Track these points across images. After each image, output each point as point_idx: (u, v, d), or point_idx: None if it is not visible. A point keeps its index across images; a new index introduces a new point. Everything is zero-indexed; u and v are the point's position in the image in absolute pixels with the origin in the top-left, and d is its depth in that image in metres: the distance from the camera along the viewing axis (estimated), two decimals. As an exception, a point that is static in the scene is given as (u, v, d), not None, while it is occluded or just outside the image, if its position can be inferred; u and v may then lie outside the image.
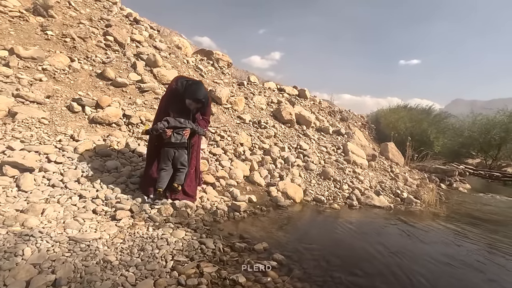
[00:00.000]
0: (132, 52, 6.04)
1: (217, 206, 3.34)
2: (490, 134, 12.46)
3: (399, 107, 13.64)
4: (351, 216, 4.02)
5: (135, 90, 5.19)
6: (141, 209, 2.86)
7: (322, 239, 3.02)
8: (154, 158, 3.21)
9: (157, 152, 3.18)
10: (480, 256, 3.10)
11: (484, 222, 4.44)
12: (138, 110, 4.75)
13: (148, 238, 2.37)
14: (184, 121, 3.10)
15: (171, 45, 7.59)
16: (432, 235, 3.68)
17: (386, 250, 2.92)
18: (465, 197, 6.57)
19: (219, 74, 7.82)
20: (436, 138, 11.82)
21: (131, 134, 4.30)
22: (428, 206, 5.07)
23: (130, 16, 7.29)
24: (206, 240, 2.50)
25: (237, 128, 5.63)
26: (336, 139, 7.10)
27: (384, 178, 6.04)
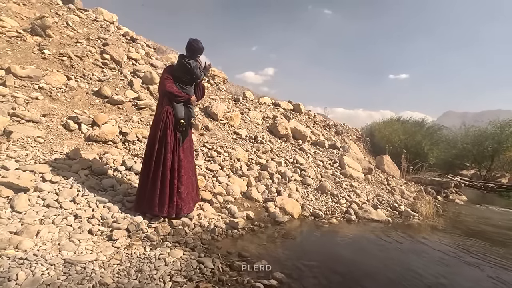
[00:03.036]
0: (129, 69, 6.11)
1: (215, 223, 3.31)
2: (483, 146, 12.63)
3: (392, 120, 13.85)
4: (350, 231, 4.00)
5: (132, 107, 5.22)
6: (137, 228, 2.81)
7: (321, 256, 2.99)
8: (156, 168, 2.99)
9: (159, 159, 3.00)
10: (482, 272, 3.09)
11: (483, 235, 4.43)
12: (134, 127, 4.75)
13: (145, 259, 2.32)
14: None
15: (167, 62, 7.70)
16: (432, 249, 3.66)
17: (386, 266, 2.90)
18: (461, 209, 6.59)
19: (215, 90, 7.91)
20: (430, 150, 11.96)
21: (128, 152, 4.28)
22: (426, 219, 5.06)
23: (127, 35, 7.43)
24: (205, 259, 2.46)
25: (234, 143, 5.65)
26: (332, 152, 7.14)
27: (381, 191, 6.06)
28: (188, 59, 3.13)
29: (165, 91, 3.06)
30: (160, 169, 3.00)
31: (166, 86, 3.06)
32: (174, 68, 3.20)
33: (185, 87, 3.20)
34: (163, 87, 3.10)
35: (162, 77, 3.17)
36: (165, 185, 3.01)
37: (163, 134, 3.03)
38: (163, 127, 3.03)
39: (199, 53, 3.19)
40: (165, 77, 3.13)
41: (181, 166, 3.11)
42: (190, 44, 3.14)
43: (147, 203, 3.00)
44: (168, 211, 3.04)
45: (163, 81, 3.13)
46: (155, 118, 3.17)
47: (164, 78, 3.13)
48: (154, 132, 3.08)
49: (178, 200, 3.08)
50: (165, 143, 3.02)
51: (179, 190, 3.09)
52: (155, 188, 2.99)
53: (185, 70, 3.12)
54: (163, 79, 3.13)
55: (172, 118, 3.06)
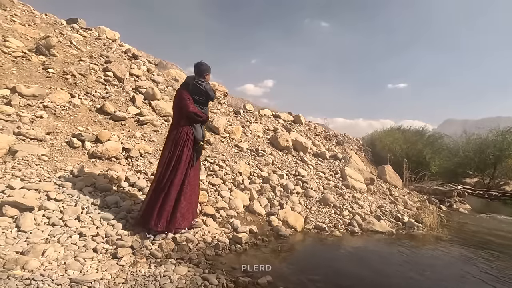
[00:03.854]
0: (131, 86, 6.22)
1: (218, 238, 3.30)
2: (484, 153, 12.63)
3: (393, 129, 13.90)
4: (354, 244, 3.98)
5: (134, 123, 5.29)
6: (142, 245, 2.82)
7: (325, 269, 2.97)
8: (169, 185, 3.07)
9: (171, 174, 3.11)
10: (489, 285, 3.06)
11: (489, 246, 4.40)
12: (137, 143, 4.81)
13: (150, 277, 2.33)
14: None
15: (168, 78, 7.85)
16: (438, 261, 3.64)
17: (390, 280, 2.88)
18: (466, 218, 6.55)
19: (215, 104, 8.01)
20: (432, 159, 11.95)
21: (131, 168, 4.32)
22: (430, 229, 5.03)
23: (128, 52, 7.60)
24: (209, 275, 2.46)
25: (235, 157, 5.69)
26: (334, 164, 7.16)
27: (384, 202, 6.04)
28: (200, 81, 3.30)
29: (189, 112, 3.18)
30: (173, 186, 3.09)
31: (190, 108, 3.18)
32: (190, 89, 3.28)
33: (202, 107, 3.34)
34: (186, 108, 3.17)
35: (183, 98, 3.22)
36: (169, 200, 3.07)
37: (181, 152, 3.14)
38: (182, 146, 3.15)
39: (206, 72, 3.39)
40: (187, 98, 3.21)
41: (189, 183, 3.21)
42: (196, 67, 3.35)
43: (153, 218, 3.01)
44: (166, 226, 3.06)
45: (185, 102, 3.19)
46: (173, 137, 3.22)
47: (186, 100, 3.20)
48: (172, 151, 3.16)
49: (179, 215, 3.13)
50: (179, 161, 3.13)
51: (182, 205, 3.15)
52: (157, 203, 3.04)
53: (200, 91, 3.27)
54: (185, 100, 3.19)
55: (192, 138, 3.22)
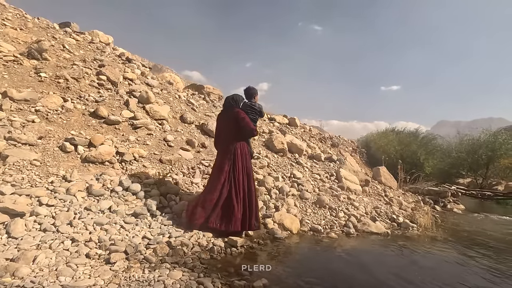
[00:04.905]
0: (125, 90, 6.19)
1: (214, 242, 3.28)
2: (477, 154, 12.81)
3: (387, 131, 14.03)
4: (349, 245, 3.98)
5: (128, 127, 5.25)
6: (136, 250, 2.78)
7: (321, 272, 2.96)
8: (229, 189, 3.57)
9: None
10: (483, 282, 3.08)
11: (483, 246, 4.43)
12: (131, 146, 4.77)
13: (144, 282, 2.29)
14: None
15: (162, 81, 7.82)
16: (433, 262, 3.65)
17: (386, 281, 2.88)
18: (460, 218, 6.61)
19: (210, 107, 8.00)
20: (426, 160, 12.07)
21: (125, 172, 4.28)
22: (425, 230, 5.06)
23: (122, 56, 7.57)
24: (204, 279, 2.43)
25: (231, 159, 5.67)
26: (329, 165, 7.19)
27: (379, 203, 6.06)
28: (252, 102, 3.97)
29: (251, 128, 3.67)
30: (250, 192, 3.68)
31: (251, 125, 3.70)
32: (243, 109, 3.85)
33: (254, 124, 3.89)
34: (249, 126, 3.65)
35: (242, 117, 3.66)
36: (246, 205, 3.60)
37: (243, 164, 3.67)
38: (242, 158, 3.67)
39: (255, 94, 4.05)
40: (245, 116, 3.70)
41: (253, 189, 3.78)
42: (247, 90, 4.03)
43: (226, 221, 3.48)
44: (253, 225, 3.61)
45: (247, 120, 3.67)
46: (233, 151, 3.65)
47: (245, 119, 3.68)
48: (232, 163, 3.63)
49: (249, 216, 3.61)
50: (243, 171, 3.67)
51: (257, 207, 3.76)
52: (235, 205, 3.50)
53: (254, 111, 3.94)
54: (246, 119, 3.67)
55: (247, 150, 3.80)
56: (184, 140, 5.72)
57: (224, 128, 3.80)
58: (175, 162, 4.91)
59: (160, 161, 4.83)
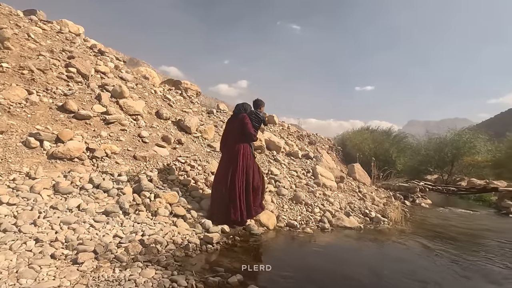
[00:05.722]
0: (97, 83, 5.92)
1: (189, 239, 3.23)
2: (443, 152, 13.56)
3: (362, 130, 14.50)
4: (324, 240, 4.08)
5: (100, 122, 5.03)
6: (106, 249, 2.68)
7: (297, 266, 3.01)
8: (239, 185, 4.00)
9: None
10: (446, 272, 3.27)
11: (447, 237, 4.70)
12: (103, 142, 4.58)
13: (114, 281, 2.21)
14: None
15: (138, 76, 7.56)
16: (401, 253, 3.84)
17: (358, 273, 2.98)
18: (427, 212, 6.98)
19: (188, 103, 7.85)
20: (397, 157, 12.60)
21: (96, 169, 4.10)
22: (395, 223, 5.29)
23: (94, 48, 7.22)
24: (178, 277, 2.39)
25: (208, 156, 5.61)
26: (306, 162, 7.31)
27: (353, 198, 6.26)
28: (258, 112, 4.45)
29: (251, 133, 4.11)
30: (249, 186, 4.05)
31: (252, 130, 4.14)
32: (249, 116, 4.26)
33: (256, 130, 4.32)
34: (248, 130, 4.10)
35: (246, 122, 4.12)
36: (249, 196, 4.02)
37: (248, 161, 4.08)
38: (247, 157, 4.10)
39: (262, 105, 4.58)
40: (249, 122, 4.14)
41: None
42: (255, 101, 4.55)
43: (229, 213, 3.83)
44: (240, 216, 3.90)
45: (249, 125, 4.11)
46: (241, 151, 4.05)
47: (248, 123, 4.12)
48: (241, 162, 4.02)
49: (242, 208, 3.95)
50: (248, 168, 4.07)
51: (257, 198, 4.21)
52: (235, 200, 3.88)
53: (258, 119, 4.40)
54: (248, 124, 4.12)
55: (249, 151, 4.17)
56: (160, 136, 5.57)
57: (231, 130, 4.26)
58: (150, 159, 4.77)
59: (134, 157, 4.67)
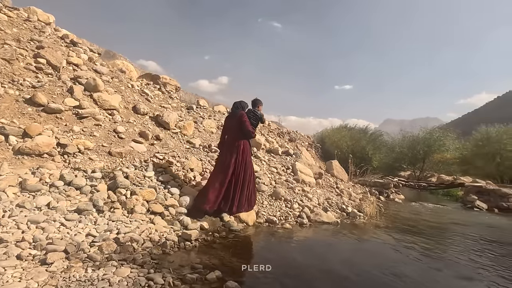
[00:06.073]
0: (69, 75, 5.63)
1: (166, 237, 3.17)
2: (416, 149, 14.23)
3: (340, 127, 14.89)
4: (302, 235, 4.15)
5: (72, 117, 4.80)
6: (78, 248, 2.57)
7: (275, 261, 3.04)
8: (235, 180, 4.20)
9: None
10: (416, 264, 3.44)
11: (417, 230, 4.96)
12: (75, 138, 4.37)
13: (86, 281, 2.12)
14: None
15: (113, 69, 7.28)
16: (375, 246, 3.99)
17: (335, 266, 3.07)
18: (400, 207, 7.30)
19: (166, 98, 7.67)
20: (373, 155, 13.08)
21: (67, 165, 3.92)
22: (370, 218, 5.49)
23: (66, 38, 6.86)
24: (155, 275, 2.34)
25: (187, 153, 5.52)
26: (285, 159, 7.38)
27: (331, 194, 6.41)
28: (255, 110, 4.60)
29: (249, 130, 4.24)
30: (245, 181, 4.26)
31: (250, 127, 4.26)
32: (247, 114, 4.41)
33: (254, 128, 4.48)
34: (247, 128, 4.22)
35: (244, 120, 4.24)
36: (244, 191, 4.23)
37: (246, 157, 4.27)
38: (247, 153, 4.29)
39: (260, 104, 4.70)
40: (247, 120, 4.27)
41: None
42: (253, 101, 4.69)
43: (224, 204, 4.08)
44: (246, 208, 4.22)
45: (248, 123, 4.26)
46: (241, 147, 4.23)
47: (246, 121, 4.25)
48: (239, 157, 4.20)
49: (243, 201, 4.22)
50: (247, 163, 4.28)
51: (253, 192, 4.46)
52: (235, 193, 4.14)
53: (256, 117, 4.57)
54: (248, 122, 4.26)
55: (249, 148, 4.39)
56: (137, 132, 5.41)
57: (230, 128, 4.39)
58: (126, 155, 4.62)
59: (109, 153, 4.50)
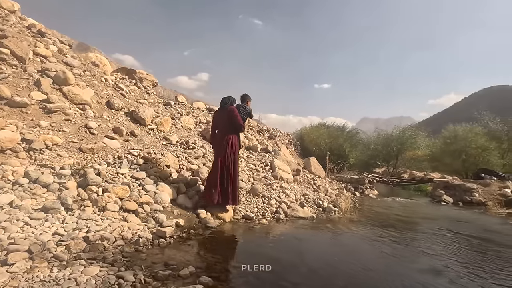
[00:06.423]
0: (36, 67, 5.33)
1: (140, 234, 3.10)
2: (390, 147, 14.81)
3: (319, 125, 15.18)
4: (278, 230, 4.21)
5: (39, 111, 4.56)
6: (43, 248, 2.46)
7: (250, 256, 3.07)
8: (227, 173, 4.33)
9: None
10: (382, 251, 3.59)
11: (389, 224, 5.17)
12: (42, 133, 4.16)
13: (51, 281, 2.04)
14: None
15: (86, 62, 6.97)
16: (348, 239, 4.13)
17: (308, 259, 3.14)
18: (373, 202, 7.58)
19: (143, 93, 7.47)
20: (350, 152, 13.45)
21: (33, 162, 3.72)
22: (344, 213, 5.66)
23: (33, 28, 6.48)
24: (125, 273, 2.28)
25: (163, 149, 5.41)
26: (264, 156, 7.43)
27: (308, 190, 6.54)
28: (244, 105, 4.80)
29: (240, 124, 4.38)
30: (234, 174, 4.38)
31: (241, 121, 4.40)
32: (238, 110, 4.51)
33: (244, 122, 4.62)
34: (238, 122, 4.35)
35: (235, 114, 4.34)
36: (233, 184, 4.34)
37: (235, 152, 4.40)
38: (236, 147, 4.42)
39: (248, 99, 4.92)
40: (237, 114, 4.37)
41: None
42: (242, 96, 4.89)
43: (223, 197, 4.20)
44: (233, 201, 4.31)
45: (239, 117, 4.37)
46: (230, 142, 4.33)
47: (237, 116, 4.36)
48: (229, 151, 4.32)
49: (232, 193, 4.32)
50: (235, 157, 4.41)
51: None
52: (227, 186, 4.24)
53: (245, 112, 4.77)
54: (238, 116, 4.36)
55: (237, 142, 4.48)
56: (111, 127, 5.22)
57: (220, 122, 4.49)
58: (98, 151, 4.46)
59: (80, 150, 4.32)
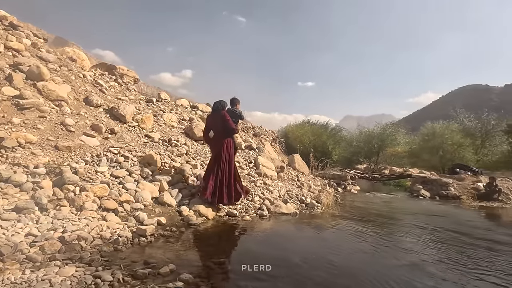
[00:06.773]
0: (7, 62, 5.10)
1: (119, 233, 3.04)
2: (371, 143, 15.21)
3: (303, 123, 15.34)
4: (261, 226, 4.23)
5: (11, 107, 4.36)
6: (15, 249, 2.36)
7: (231, 252, 3.08)
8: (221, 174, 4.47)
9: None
10: (365, 244, 3.69)
11: (370, 218, 5.31)
12: (15, 130, 3.98)
13: (23, 283, 1.96)
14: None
15: (62, 57, 6.72)
16: (328, 234, 4.21)
17: (290, 254, 3.17)
18: (355, 197, 7.76)
19: (123, 90, 7.28)
20: (333, 149, 13.69)
21: (5, 160, 3.56)
22: (327, 208, 5.76)
23: (4, 20, 6.19)
24: (103, 272, 2.23)
25: (145, 147, 5.31)
26: (248, 153, 7.44)
27: (292, 187, 6.60)
28: (234, 108, 5.11)
29: (232, 128, 4.51)
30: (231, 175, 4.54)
31: (233, 125, 4.55)
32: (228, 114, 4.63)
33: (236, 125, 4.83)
34: (231, 126, 4.48)
35: (227, 119, 4.48)
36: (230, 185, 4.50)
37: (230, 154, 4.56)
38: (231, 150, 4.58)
39: (237, 103, 5.23)
40: (229, 119, 4.51)
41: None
42: (231, 100, 5.19)
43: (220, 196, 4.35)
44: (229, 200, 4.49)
45: (231, 122, 4.51)
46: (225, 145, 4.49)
47: (230, 120, 4.50)
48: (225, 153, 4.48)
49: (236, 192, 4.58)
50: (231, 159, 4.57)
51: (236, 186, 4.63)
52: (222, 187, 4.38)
53: (235, 115, 5.04)
54: (230, 121, 4.50)
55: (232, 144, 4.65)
56: (89, 124, 5.07)
57: (214, 127, 4.63)
58: (75, 149, 4.32)
59: (55, 147, 4.18)
